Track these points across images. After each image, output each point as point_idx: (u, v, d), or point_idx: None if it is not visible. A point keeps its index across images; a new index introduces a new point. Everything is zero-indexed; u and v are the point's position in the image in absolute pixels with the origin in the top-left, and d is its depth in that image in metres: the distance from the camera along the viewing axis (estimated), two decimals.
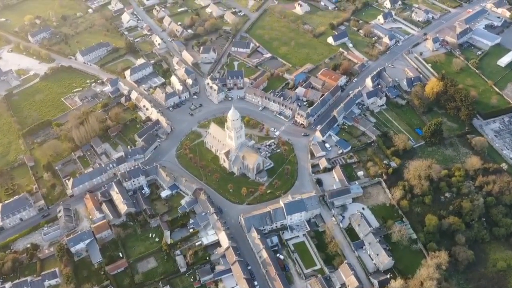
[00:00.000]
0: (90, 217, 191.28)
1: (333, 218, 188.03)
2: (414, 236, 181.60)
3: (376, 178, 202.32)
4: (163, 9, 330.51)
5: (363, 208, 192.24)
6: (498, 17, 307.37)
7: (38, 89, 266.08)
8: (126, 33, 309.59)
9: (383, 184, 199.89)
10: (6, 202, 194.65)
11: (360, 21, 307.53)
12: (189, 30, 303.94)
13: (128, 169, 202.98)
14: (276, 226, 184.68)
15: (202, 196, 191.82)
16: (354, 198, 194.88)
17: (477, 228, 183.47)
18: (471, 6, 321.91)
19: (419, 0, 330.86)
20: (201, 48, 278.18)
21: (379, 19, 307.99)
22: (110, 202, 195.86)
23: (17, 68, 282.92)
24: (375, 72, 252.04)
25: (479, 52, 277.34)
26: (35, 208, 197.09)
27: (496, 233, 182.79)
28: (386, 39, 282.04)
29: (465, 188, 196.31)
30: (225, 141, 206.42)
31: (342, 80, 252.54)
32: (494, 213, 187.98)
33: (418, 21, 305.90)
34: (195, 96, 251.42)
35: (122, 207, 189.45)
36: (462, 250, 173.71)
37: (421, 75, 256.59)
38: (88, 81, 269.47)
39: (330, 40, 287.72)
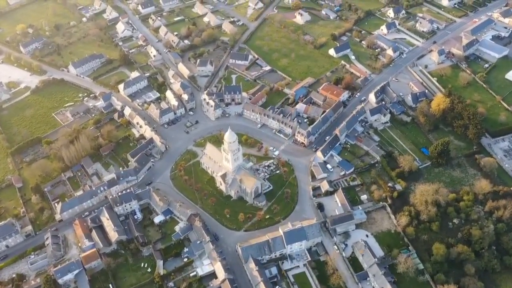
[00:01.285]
0: (79, 244, 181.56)
1: (335, 246, 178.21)
2: (421, 266, 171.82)
3: (381, 203, 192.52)
4: (159, 18, 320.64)
5: (366, 235, 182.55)
6: (505, 27, 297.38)
7: (29, 104, 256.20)
8: (120, 43, 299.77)
9: (388, 209, 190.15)
10: None
11: (363, 32, 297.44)
12: (186, 41, 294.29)
13: (119, 193, 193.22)
14: (275, 256, 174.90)
15: (197, 223, 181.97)
16: (357, 224, 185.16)
17: (487, 257, 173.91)
18: (477, 16, 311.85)
19: (423, 9, 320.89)
20: (198, 60, 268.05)
21: (382, 30, 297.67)
22: (100, 228, 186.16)
23: (8, 81, 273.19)
24: (378, 87, 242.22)
25: (486, 65, 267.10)
26: (21, 234, 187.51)
27: (507, 263, 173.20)
28: (389, 51, 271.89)
29: (474, 213, 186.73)
30: (222, 162, 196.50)
31: (344, 95, 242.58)
32: (505, 241, 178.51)
33: (423, 31, 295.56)
34: (191, 112, 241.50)
35: (113, 235, 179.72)
36: (471, 282, 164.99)
37: (426, 90, 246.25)
38: (80, 95, 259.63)
39: (331, 52, 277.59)
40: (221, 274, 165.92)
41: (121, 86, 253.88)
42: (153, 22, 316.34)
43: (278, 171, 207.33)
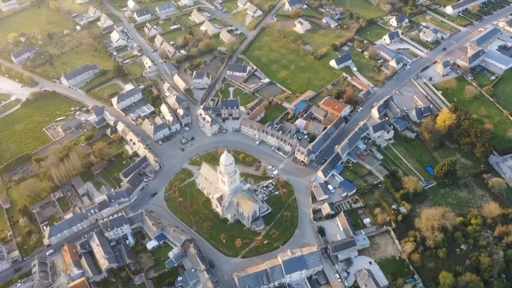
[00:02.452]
0: (68, 272, 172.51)
1: (337, 275, 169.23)
2: None
3: (384, 227, 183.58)
4: (154, 26, 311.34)
5: (370, 263, 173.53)
6: None
7: (19, 117, 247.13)
8: (115, 53, 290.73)
9: (392, 233, 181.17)
10: None
11: (365, 41, 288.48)
12: (182, 51, 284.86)
13: (111, 216, 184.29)
14: (274, 285, 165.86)
15: (192, 250, 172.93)
16: (360, 250, 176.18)
17: (497, 286, 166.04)
18: (482, 25, 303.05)
19: (427, 18, 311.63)
20: (194, 72, 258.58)
21: (384, 39, 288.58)
22: (90, 254, 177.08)
23: None
24: (382, 102, 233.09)
25: (493, 77, 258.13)
26: (8, 260, 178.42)
27: None
28: (393, 63, 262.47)
29: (483, 239, 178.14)
30: (218, 183, 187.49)
31: (346, 110, 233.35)
32: None
33: (427, 41, 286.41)
34: (187, 128, 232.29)
35: (103, 263, 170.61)
36: None
37: (431, 105, 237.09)
38: (72, 108, 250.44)
39: (332, 63, 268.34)
40: None
41: (114, 100, 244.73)
42: (148, 31, 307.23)
43: (277, 192, 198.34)
